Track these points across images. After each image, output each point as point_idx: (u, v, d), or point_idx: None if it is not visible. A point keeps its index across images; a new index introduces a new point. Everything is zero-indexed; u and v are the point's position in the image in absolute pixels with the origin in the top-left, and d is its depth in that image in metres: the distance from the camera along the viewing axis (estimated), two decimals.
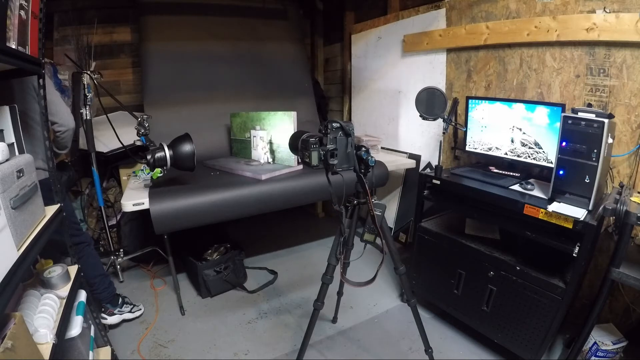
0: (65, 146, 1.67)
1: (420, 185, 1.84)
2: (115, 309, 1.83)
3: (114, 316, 1.82)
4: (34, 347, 0.89)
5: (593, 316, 1.30)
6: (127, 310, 1.88)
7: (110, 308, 1.82)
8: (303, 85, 3.03)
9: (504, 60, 1.88)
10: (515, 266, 1.45)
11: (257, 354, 1.68)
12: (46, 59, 1.21)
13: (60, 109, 1.56)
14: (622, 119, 1.50)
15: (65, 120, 1.57)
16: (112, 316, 1.82)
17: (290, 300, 2.09)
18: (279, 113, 2.11)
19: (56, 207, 1.24)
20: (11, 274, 0.82)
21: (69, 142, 1.67)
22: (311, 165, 1.17)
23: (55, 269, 1.23)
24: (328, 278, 1.32)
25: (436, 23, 2.19)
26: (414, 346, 1.69)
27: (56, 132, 1.57)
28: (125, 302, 1.89)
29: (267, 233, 3.01)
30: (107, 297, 1.79)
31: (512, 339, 1.50)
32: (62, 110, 1.56)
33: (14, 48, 0.95)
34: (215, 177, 2.03)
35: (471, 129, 1.90)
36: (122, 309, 1.86)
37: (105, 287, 1.78)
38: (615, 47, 1.47)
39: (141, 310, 1.94)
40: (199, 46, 2.64)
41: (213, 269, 2.07)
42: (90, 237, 1.86)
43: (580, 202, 1.30)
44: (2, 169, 0.87)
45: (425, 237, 1.82)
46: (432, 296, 1.88)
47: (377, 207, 1.21)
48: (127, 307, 1.88)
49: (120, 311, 1.85)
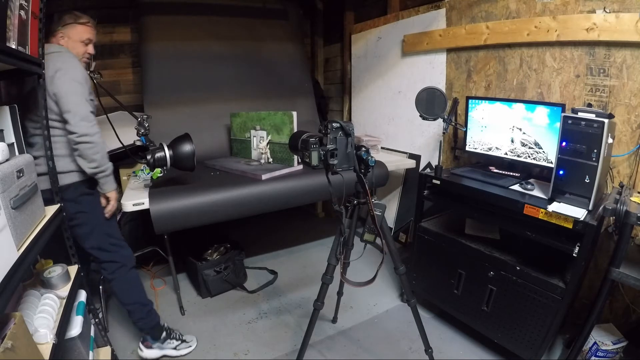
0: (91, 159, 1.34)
1: (420, 185, 1.84)
2: (155, 343, 1.62)
3: (151, 350, 1.62)
4: (34, 347, 0.89)
5: (593, 316, 1.30)
6: (171, 346, 1.64)
7: (148, 341, 1.62)
8: (303, 85, 3.03)
9: (504, 60, 1.88)
10: (515, 266, 1.45)
11: (257, 354, 1.68)
12: None
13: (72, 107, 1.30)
14: (622, 119, 1.50)
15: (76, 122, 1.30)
16: (149, 350, 1.62)
17: (290, 300, 2.09)
18: (279, 113, 2.11)
19: (56, 207, 1.24)
20: (11, 274, 0.82)
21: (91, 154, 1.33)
22: (311, 165, 1.17)
23: (55, 269, 1.23)
24: (328, 278, 1.32)
25: (436, 23, 2.19)
26: (414, 346, 1.69)
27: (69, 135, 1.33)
28: (171, 337, 1.66)
29: (267, 233, 3.01)
30: (144, 327, 1.59)
31: (512, 339, 1.50)
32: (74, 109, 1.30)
33: (14, 48, 0.95)
34: (215, 177, 2.03)
35: (471, 129, 1.90)
36: (164, 345, 1.63)
37: (141, 317, 1.57)
38: (615, 47, 1.46)
39: (190, 347, 1.69)
40: (199, 46, 2.64)
41: (213, 269, 2.07)
42: (129, 257, 1.56)
43: (580, 202, 1.30)
44: (2, 169, 0.87)
45: (425, 237, 1.82)
46: (432, 296, 1.88)
47: (377, 207, 1.21)
48: (170, 343, 1.65)
49: (161, 347, 1.62)
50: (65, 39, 1.45)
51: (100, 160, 1.37)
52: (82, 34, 1.48)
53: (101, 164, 1.38)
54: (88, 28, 1.50)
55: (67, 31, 1.45)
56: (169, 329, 1.67)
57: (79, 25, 1.47)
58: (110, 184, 1.46)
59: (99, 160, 1.37)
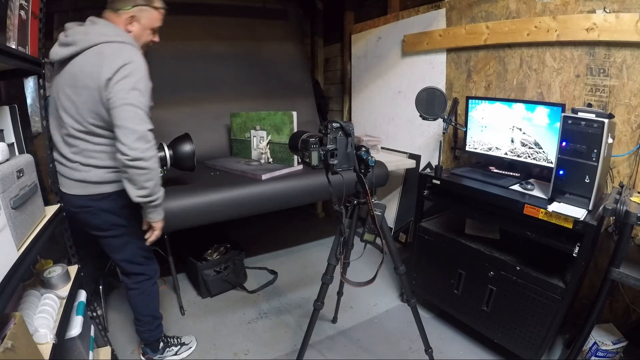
0: (142, 186, 1.14)
1: (420, 185, 1.83)
2: (155, 355, 1.59)
3: None
4: (34, 347, 0.89)
5: (593, 316, 1.30)
6: (172, 353, 1.62)
7: (148, 353, 1.58)
8: (303, 85, 3.03)
9: (504, 60, 1.88)
10: (515, 266, 1.45)
11: (257, 354, 1.68)
12: (46, 59, 1.21)
13: (127, 124, 1.08)
14: (622, 119, 1.50)
15: (130, 142, 1.07)
16: None
17: (290, 300, 2.09)
18: (279, 113, 2.11)
19: (56, 207, 1.24)
20: (11, 274, 0.82)
21: (143, 181, 1.13)
22: (311, 165, 1.17)
23: (55, 269, 1.23)
24: (328, 278, 1.32)
25: (436, 23, 2.19)
26: (414, 346, 1.69)
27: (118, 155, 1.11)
28: (170, 345, 1.63)
29: (267, 233, 3.00)
30: (147, 339, 1.56)
31: (512, 339, 1.50)
32: (130, 126, 1.08)
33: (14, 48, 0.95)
34: (215, 177, 2.02)
35: (471, 129, 1.90)
36: (164, 354, 1.60)
37: (149, 329, 1.53)
38: (615, 47, 1.46)
39: (191, 349, 1.68)
40: (199, 46, 2.64)
41: (213, 269, 2.07)
42: (156, 271, 1.50)
43: (580, 202, 1.30)
44: (2, 169, 0.87)
45: (425, 237, 1.82)
46: (432, 296, 1.88)
47: (377, 207, 1.21)
48: (171, 351, 1.62)
49: (162, 357, 1.60)
50: (135, 24, 1.22)
51: (152, 188, 1.16)
52: (155, 21, 1.28)
53: (152, 192, 1.17)
54: (161, 15, 1.29)
55: (140, 15, 1.22)
56: (166, 338, 1.63)
57: (155, 10, 1.26)
58: (158, 214, 1.27)
59: (150, 188, 1.15)
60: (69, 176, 1.25)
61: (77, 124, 1.18)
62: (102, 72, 1.09)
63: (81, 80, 1.14)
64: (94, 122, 1.17)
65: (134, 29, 1.23)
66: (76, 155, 1.22)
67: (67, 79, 1.17)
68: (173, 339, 1.66)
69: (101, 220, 1.30)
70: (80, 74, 1.14)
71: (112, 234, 1.34)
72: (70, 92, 1.17)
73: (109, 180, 1.26)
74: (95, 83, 1.11)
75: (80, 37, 1.15)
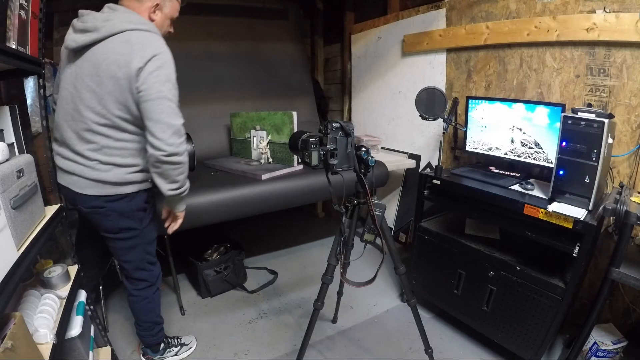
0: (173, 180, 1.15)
1: (420, 185, 1.83)
2: (156, 356, 1.57)
3: None
4: (34, 347, 0.89)
5: (593, 316, 1.30)
6: (172, 354, 1.61)
7: (148, 354, 1.57)
8: (303, 85, 3.03)
9: (504, 60, 1.88)
10: (515, 266, 1.45)
11: (257, 354, 1.68)
12: (46, 59, 1.21)
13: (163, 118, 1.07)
14: (622, 119, 1.50)
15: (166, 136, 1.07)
16: None
17: (290, 300, 2.09)
18: (279, 113, 2.11)
19: (56, 206, 1.24)
20: (11, 274, 0.82)
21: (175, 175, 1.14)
22: (311, 165, 1.17)
23: (55, 269, 1.23)
24: (328, 278, 1.32)
25: (436, 23, 2.19)
26: (414, 346, 1.69)
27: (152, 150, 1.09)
28: (170, 346, 1.62)
29: (267, 233, 3.01)
30: (148, 342, 1.54)
31: (512, 339, 1.50)
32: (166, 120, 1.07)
33: (14, 48, 0.95)
34: (215, 177, 2.02)
35: (471, 129, 1.90)
36: (165, 354, 1.59)
37: (151, 334, 1.51)
38: (615, 47, 1.46)
39: (191, 349, 1.66)
40: (199, 46, 2.64)
41: (213, 269, 2.07)
42: (159, 277, 1.47)
43: (580, 202, 1.30)
44: (2, 169, 0.87)
45: (425, 237, 1.82)
46: (432, 296, 1.88)
47: (377, 207, 1.21)
48: (171, 351, 1.61)
49: (162, 357, 1.59)
50: (158, 13, 1.19)
51: (182, 181, 1.17)
52: (175, 11, 1.26)
53: (182, 184, 1.18)
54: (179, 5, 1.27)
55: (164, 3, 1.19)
56: (166, 339, 1.62)
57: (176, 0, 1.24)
58: (184, 203, 1.28)
59: (181, 181, 1.16)
60: (84, 175, 1.17)
61: (99, 117, 1.11)
62: (132, 60, 1.05)
63: (105, 69, 1.07)
64: (120, 114, 1.11)
65: (157, 18, 1.19)
66: (95, 153, 1.15)
67: (87, 69, 1.10)
68: (173, 340, 1.66)
69: (112, 222, 1.24)
70: (104, 63, 1.07)
71: (122, 237, 1.29)
72: (91, 83, 1.10)
73: (128, 181, 1.21)
74: (124, 72, 1.06)
75: (102, 23, 1.08)
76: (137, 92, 1.06)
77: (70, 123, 1.16)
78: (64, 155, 1.20)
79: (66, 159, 1.20)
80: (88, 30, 1.09)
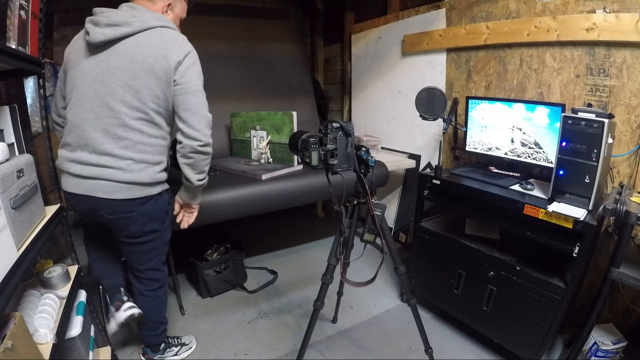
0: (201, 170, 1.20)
1: (420, 185, 1.83)
2: (156, 355, 1.57)
3: None
4: (34, 347, 0.89)
5: (593, 316, 1.30)
6: (172, 354, 1.60)
7: (148, 353, 1.56)
8: (303, 85, 3.03)
9: (504, 60, 1.88)
10: (515, 266, 1.45)
11: (257, 354, 1.68)
12: (46, 59, 1.21)
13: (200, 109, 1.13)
14: (622, 119, 1.50)
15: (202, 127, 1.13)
16: None
17: (290, 300, 2.09)
18: (279, 113, 2.11)
19: (56, 206, 1.24)
20: (11, 274, 0.82)
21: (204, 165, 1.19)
22: (311, 165, 1.17)
23: (55, 269, 1.23)
24: (328, 278, 1.32)
25: (436, 23, 2.19)
26: (414, 346, 1.69)
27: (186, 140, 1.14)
28: (170, 345, 1.61)
29: (267, 233, 3.01)
30: (150, 342, 1.54)
31: (512, 339, 1.50)
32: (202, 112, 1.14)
33: (14, 48, 0.95)
34: (215, 177, 2.02)
35: (471, 129, 1.90)
36: (165, 354, 1.58)
37: (155, 334, 1.51)
38: (615, 47, 1.46)
39: (191, 349, 1.66)
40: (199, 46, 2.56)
41: (213, 269, 2.07)
42: (167, 274, 1.50)
43: (580, 202, 1.30)
44: (2, 169, 0.87)
45: (425, 237, 1.82)
46: (432, 296, 1.88)
47: (377, 207, 1.21)
48: (171, 351, 1.60)
49: (162, 357, 1.58)
50: (170, 13, 1.22)
51: (207, 171, 1.21)
52: (184, 11, 1.28)
53: (206, 174, 1.22)
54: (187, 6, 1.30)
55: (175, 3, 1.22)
56: (167, 339, 1.61)
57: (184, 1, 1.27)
58: (201, 196, 1.32)
59: (206, 171, 1.21)
60: (114, 178, 1.11)
61: (134, 111, 1.10)
62: (171, 54, 1.09)
63: (141, 62, 1.08)
64: (155, 107, 1.12)
65: (169, 17, 1.22)
66: (127, 151, 1.11)
67: (118, 62, 1.09)
68: (173, 339, 1.66)
69: (139, 227, 1.20)
70: (140, 56, 1.08)
71: (143, 240, 1.26)
72: (124, 77, 1.09)
73: (157, 180, 1.19)
74: (162, 65, 1.08)
75: (130, 18, 1.09)
76: (176, 84, 1.11)
77: (95, 122, 1.11)
78: (81, 160, 1.13)
79: (86, 164, 1.12)
80: (117, 25, 1.08)
